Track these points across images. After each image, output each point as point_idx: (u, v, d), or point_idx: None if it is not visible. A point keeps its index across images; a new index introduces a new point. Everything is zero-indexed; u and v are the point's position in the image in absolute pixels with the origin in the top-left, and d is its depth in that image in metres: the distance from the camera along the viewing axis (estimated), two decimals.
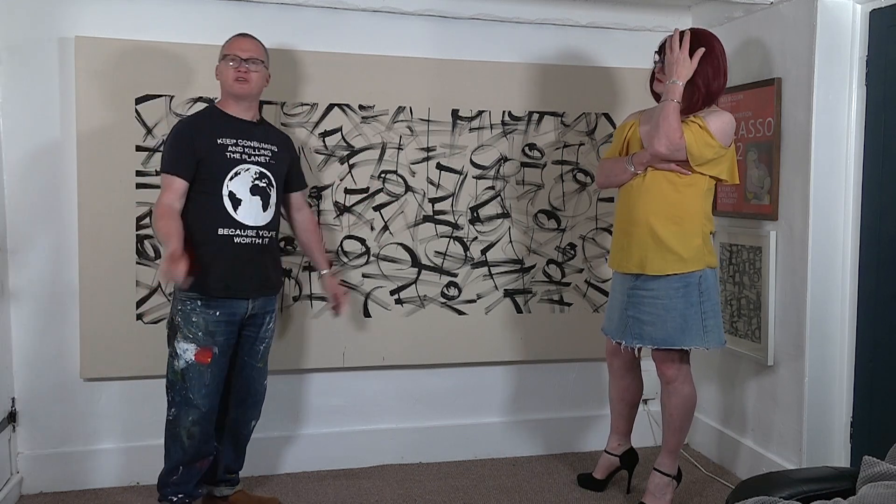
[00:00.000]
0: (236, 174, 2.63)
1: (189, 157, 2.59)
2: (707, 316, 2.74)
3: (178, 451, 2.65)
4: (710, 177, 2.70)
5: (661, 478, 2.88)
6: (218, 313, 2.61)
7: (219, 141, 2.62)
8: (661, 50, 2.77)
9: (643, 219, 2.72)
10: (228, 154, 2.63)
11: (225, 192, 2.61)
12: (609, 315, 2.96)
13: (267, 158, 2.71)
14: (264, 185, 2.68)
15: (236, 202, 2.63)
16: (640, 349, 2.93)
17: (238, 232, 2.63)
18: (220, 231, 2.61)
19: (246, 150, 2.66)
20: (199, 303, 2.60)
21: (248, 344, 2.76)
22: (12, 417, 2.97)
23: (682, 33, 2.67)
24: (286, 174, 2.80)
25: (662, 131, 2.61)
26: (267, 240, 2.71)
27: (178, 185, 2.59)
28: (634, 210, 2.75)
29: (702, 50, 2.64)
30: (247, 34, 2.73)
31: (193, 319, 2.59)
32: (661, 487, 2.88)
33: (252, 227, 2.66)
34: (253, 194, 2.65)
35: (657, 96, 2.88)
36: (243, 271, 2.65)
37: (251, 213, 2.65)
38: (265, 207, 2.69)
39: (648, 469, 3.04)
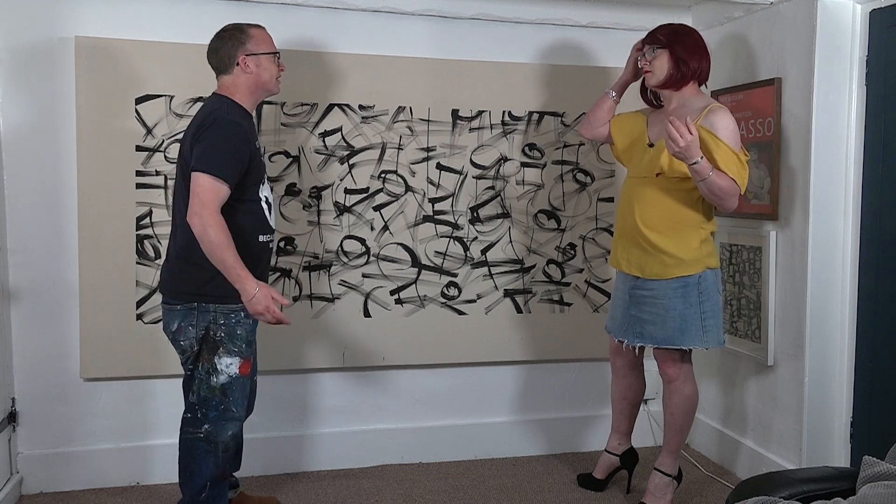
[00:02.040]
0: (264, 179, 2.55)
1: (241, 165, 2.38)
2: (706, 316, 2.74)
3: (209, 468, 2.47)
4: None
5: (662, 478, 2.88)
6: (252, 321, 2.50)
7: (256, 144, 2.51)
8: (643, 47, 2.81)
9: (639, 225, 2.73)
10: (261, 158, 2.54)
11: (262, 199, 2.51)
12: (612, 313, 2.97)
13: (265, 156, 2.67)
14: (271, 185, 2.66)
15: (269, 207, 2.56)
16: (641, 348, 2.93)
17: (271, 237, 2.58)
18: (261, 238, 2.51)
19: (262, 150, 2.60)
20: (241, 314, 2.45)
21: None
22: (12, 417, 2.97)
23: (685, 124, 2.48)
24: None
25: (731, 200, 2.60)
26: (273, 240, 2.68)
27: (225, 193, 2.34)
28: (632, 215, 2.76)
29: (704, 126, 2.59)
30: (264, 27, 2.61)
31: (238, 332, 2.46)
32: (662, 487, 2.87)
33: (274, 231, 2.62)
34: (272, 195, 2.62)
35: (650, 103, 2.89)
36: (267, 273, 2.64)
37: (275, 216, 2.63)
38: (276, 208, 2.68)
39: (648, 469, 3.04)
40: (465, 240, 3.37)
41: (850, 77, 2.86)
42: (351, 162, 3.24)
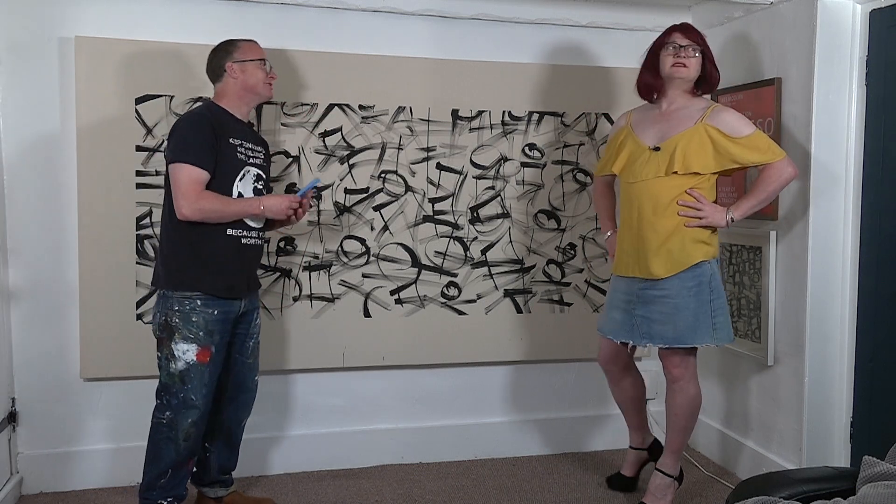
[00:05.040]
0: (243, 176, 2.63)
1: (212, 152, 2.53)
2: (717, 313, 2.74)
3: (170, 454, 2.59)
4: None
5: (663, 478, 2.88)
6: (216, 312, 2.59)
7: (230, 140, 2.60)
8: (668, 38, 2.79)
9: (654, 223, 2.72)
10: (238, 154, 2.62)
11: (235, 192, 2.60)
12: (609, 315, 2.92)
13: (261, 160, 2.73)
14: (261, 187, 2.71)
15: None
16: (633, 348, 2.91)
17: (244, 233, 2.63)
18: (230, 231, 2.59)
19: (247, 151, 2.67)
20: (198, 302, 2.56)
21: (239, 341, 2.75)
22: (12, 417, 2.97)
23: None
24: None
25: (789, 176, 2.71)
26: (262, 241, 2.75)
27: (204, 179, 2.51)
28: (644, 216, 2.74)
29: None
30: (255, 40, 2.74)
31: (193, 319, 2.55)
32: (662, 488, 2.87)
33: (255, 229, 2.67)
34: (255, 196, 2.67)
35: (650, 91, 2.87)
36: (244, 272, 2.67)
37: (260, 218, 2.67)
38: None
39: (648, 469, 3.04)
40: (465, 240, 3.37)
41: (850, 77, 2.86)
42: (351, 162, 3.24)
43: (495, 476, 3.29)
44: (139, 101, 2.99)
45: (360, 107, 3.22)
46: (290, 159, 3.17)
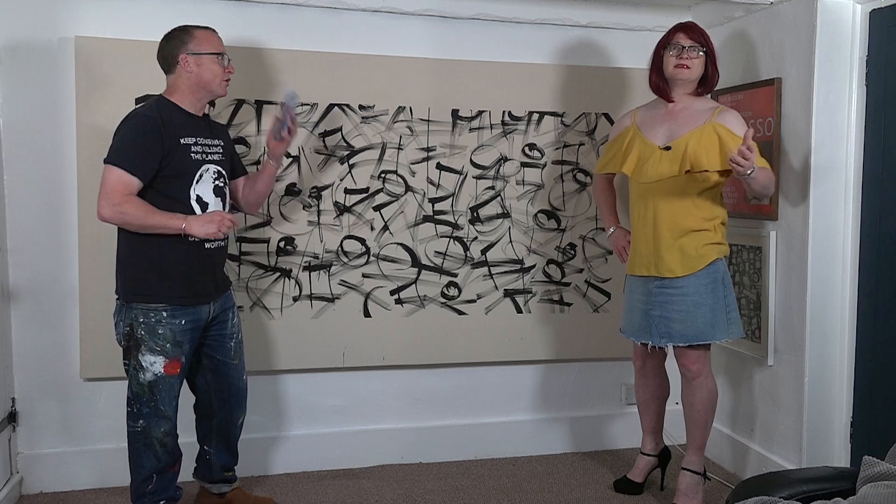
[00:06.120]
0: (200, 177, 2.53)
1: (153, 159, 2.41)
2: (730, 309, 2.81)
3: (151, 461, 2.55)
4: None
5: (692, 476, 2.89)
6: (183, 321, 2.51)
7: (182, 141, 2.48)
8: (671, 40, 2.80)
9: (672, 224, 2.75)
10: (192, 156, 2.51)
11: (193, 196, 2.51)
12: (629, 318, 2.94)
13: (220, 156, 2.62)
14: (222, 184, 2.62)
15: (203, 206, 2.54)
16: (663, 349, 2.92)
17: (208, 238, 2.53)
18: (192, 238, 2.48)
19: (204, 148, 2.56)
20: (164, 314, 2.48)
21: (217, 344, 2.70)
22: (12, 417, 2.97)
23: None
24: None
25: (772, 186, 2.74)
26: (226, 240, 2.67)
27: (135, 186, 2.40)
28: (661, 217, 2.76)
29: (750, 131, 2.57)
30: (213, 29, 2.62)
31: (160, 332, 2.48)
32: (693, 486, 2.89)
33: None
34: (216, 196, 2.58)
35: (661, 92, 2.86)
36: (209, 275, 2.60)
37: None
38: (224, 207, 2.63)
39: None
40: (465, 240, 3.37)
41: (850, 77, 2.86)
42: (351, 162, 3.24)
43: (495, 476, 3.29)
44: (139, 101, 2.98)
45: (360, 107, 3.22)
46: (290, 159, 3.16)
